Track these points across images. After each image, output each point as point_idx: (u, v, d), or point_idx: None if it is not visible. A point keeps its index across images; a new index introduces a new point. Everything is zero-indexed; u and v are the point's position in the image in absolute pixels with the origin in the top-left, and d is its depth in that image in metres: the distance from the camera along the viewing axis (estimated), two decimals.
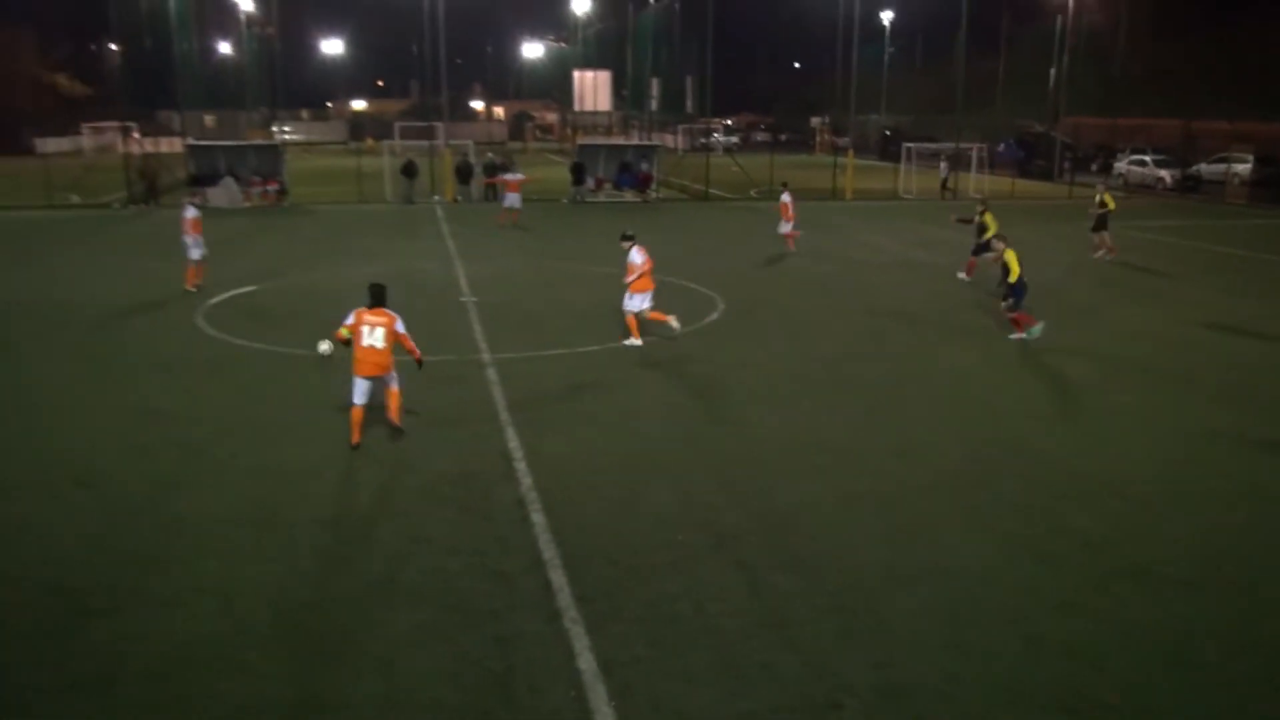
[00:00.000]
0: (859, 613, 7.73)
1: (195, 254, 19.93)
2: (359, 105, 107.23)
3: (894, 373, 14.56)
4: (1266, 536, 9.18)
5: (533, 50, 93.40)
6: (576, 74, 69.73)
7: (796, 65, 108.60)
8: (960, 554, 8.73)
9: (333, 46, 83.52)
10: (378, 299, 10.99)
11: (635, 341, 15.82)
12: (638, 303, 15.72)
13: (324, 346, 11.63)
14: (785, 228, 26.57)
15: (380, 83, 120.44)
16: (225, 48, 71.50)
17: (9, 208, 36.03)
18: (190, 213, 20.13)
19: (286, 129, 77.49)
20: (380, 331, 10.77)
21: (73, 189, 39.01)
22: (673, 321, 16.11)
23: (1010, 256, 16.47)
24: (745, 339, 16.56)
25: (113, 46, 53.59)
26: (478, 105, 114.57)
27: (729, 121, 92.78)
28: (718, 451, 11.13)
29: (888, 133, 69.74)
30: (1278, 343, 16.74)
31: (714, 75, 45.83)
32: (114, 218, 34.54)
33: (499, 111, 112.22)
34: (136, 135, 47.76)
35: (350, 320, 10.87)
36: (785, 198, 26.65)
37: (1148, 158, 48.23)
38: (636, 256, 15.63)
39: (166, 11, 47.37)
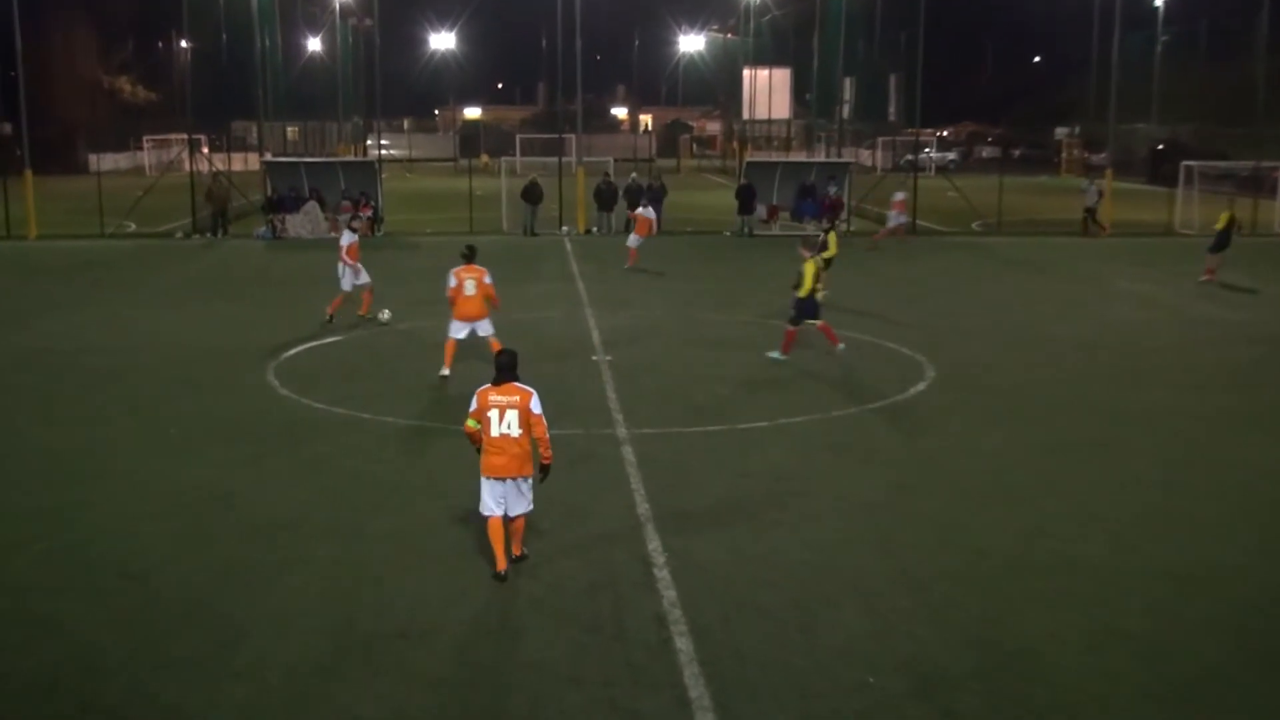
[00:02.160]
0: None
1: (347, 284, 22.68)
2: (473, 113, 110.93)
3: (1169, 467, 14.02)
4: None
5: (692, 43, 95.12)
6: (747, 72, 70.72)
7: (1036, 60, 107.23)
8: (1260, 718, 8.25)
9: (443, 41, 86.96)
10: (506, 372, 10.52)
11: (444, 371, 18.00)
12: (453, 330, 18.02)
13: (385, 315, 13.24)
14: (634, 241, 31.81)
15: (500, 85, 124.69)
16: (314, 45, 75.51)
17: (57, 237, 38.67)
18: (347, 238, 22.72)
19: (384, 142, 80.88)
20: (513, 416, 10.31)
21: (129, 215, 41.60)
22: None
23: (809, 269, 19.06)
24: (961, 418, 16.26)
25: (183, 44, 57.19)
26: (620, 113, 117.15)
27: (945, 133, 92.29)
28: (924, 566, 10.90)
29: (1160, 148, 67.93)
30: None
31: (926, 73, 45.65)
32: (176, 250, 36.66)
33: (646, 120, 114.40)
34: (206, 150, 50.66)
35: (475, 406, 10.49)
36: (646, 211, 33.07)
37: None
38: (450, 279, 17.94)
39: (247, 3, 50.30)
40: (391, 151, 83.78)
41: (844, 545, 11.37)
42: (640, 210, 33.63)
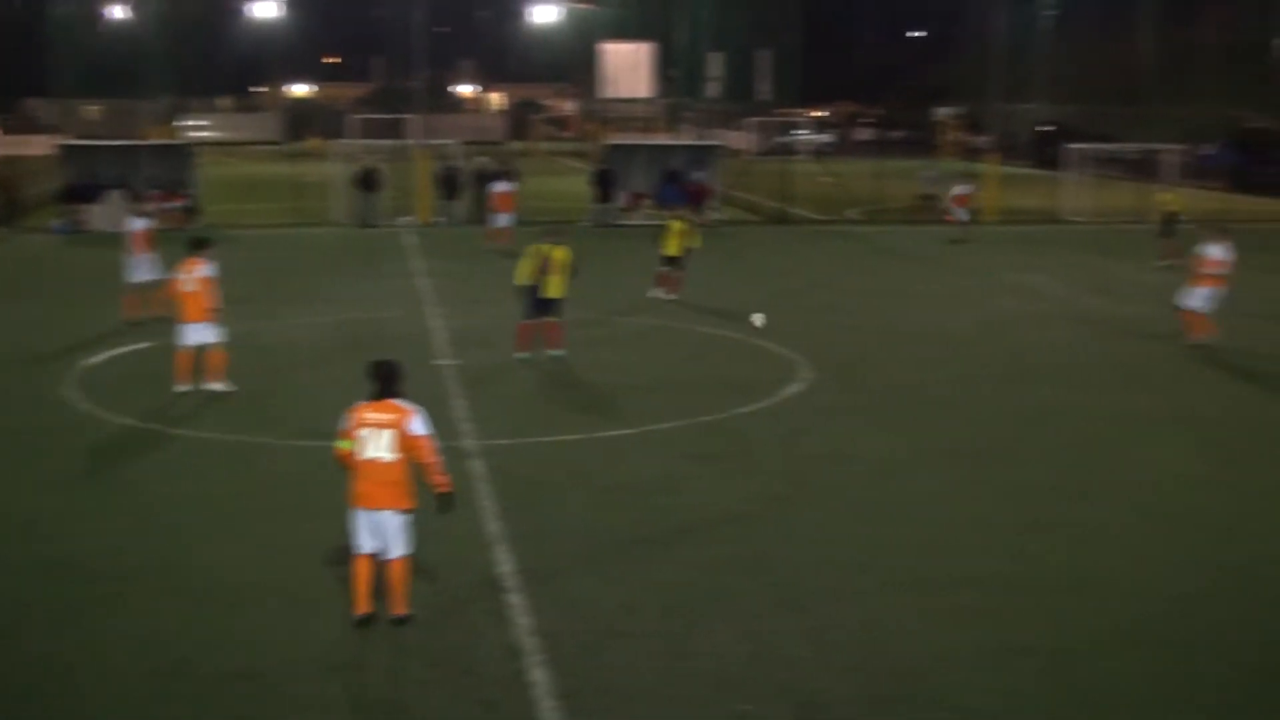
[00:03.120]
0: None
1: (142, 275, 22.06)
2: (300, 91, 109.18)
3: (1063, 472, 14.40)
4: None
5: (544, 14, 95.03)
6: (605, 47, 70.81)
7: (916, 35, 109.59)
8: None
9: (265, 10, 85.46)
10: (383, 385, 10.03)
11: (180, 387, 17.15)
12: (181, 336, 17.21)
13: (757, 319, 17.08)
14: (502, 220, 33.18)
15: (331, 60, 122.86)
16: (118, 12, 73.55)
17: None
18: (139, 224, 22.48)
19: (201, 123, 79.03)
20: (387, 438, 9.84)
21: None
22: (218, 385, 17.25)
23: (528, 257, 19.48)
24: (841, 422, 16.48)
25: None
26: (466, 90, 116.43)
27: (820, 113, 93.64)
28: (803, 584, 11.01)
29: (1046, 129, 69.96)
30: None
31: (800, 48, 46.23)
32: None
33: (495, 99, 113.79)
34: None
35: (345, 424, 10.01)
36: (505, 186, 34.09)
37: None
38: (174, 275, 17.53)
39: None
40: (209, 133, 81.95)
41: (717, 563, 11.42)
42: (502, 186, 34.42)
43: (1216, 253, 20.71)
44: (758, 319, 21.39)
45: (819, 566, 11.38)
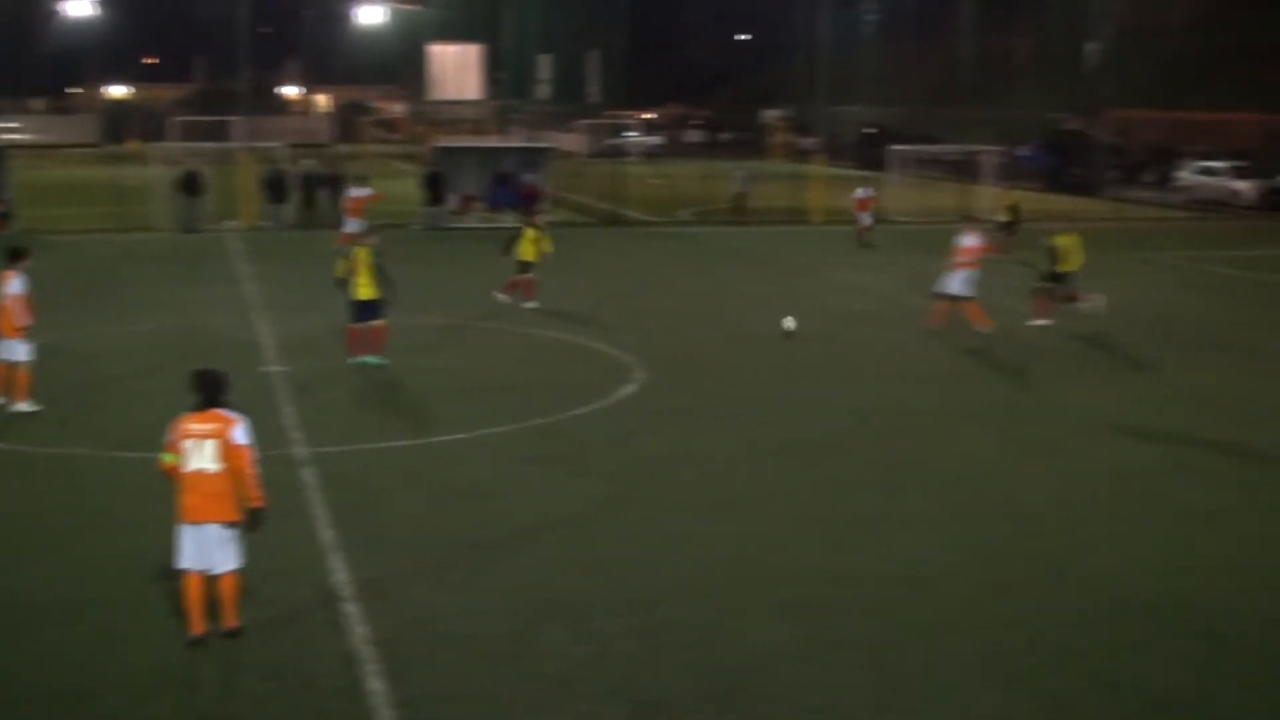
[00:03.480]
0: None
1: None
2: (118, 92, 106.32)
3: (887, 467, 14.76)
4: None
5: (370, 15, 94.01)
6: (433, 49, 70.34)
7: (743, 38, 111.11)
8: None
9: (80, 8, 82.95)
10: (209, 395, 9.78)
11: (18, 406, 16.27)
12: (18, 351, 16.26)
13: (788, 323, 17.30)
14: (354, 225, 30.71)
15: (150, 60, 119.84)
16: None
17: None
18: None
19: (12, 125, 76.31)
20: (210, 448, 9.58)
21: None
22: (23, 406, 16.36)
23: (343, 256, 20.05)
24: (674, 422, 16.63)
25: None
26: (291, 92, 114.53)
27: (650, 115, 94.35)
28: (639, 583, 11.11)
29: (870, 131, 71.64)
30: None
31: (629, 51, 46.57)
32: None
33: (322, 101, 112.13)
34: None
35: (169, 436, 9.74)
36: (363, 191, 33.51)
37: (1219, 164, 50.27)
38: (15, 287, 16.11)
39: None
40: (21, 136, 79.23)
41: (554, 565, 11.46)
42: (361, 190, 33.77)
43: (970, 241, 22.30)
44: (789, 323, 21.69)
45: (654, 566, 11.49)
